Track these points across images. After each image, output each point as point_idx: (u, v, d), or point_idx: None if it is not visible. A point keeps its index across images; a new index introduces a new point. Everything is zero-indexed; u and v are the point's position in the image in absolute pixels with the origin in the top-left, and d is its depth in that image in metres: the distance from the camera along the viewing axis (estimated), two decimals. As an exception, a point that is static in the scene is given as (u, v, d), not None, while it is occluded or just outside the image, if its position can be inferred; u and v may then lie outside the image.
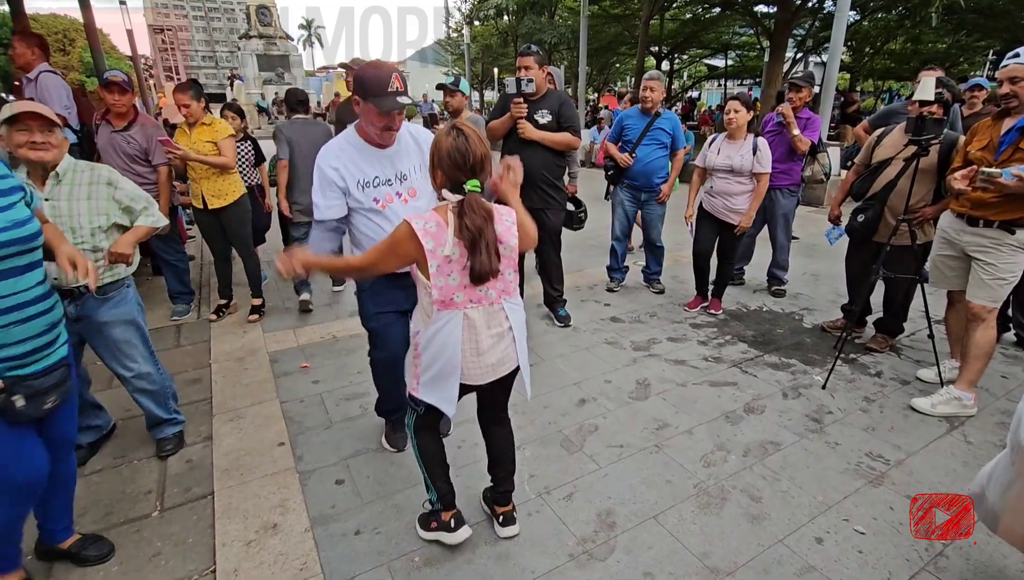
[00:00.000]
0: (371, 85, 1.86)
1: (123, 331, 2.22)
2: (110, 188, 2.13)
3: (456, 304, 1.59)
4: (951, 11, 11.88)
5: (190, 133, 3.51)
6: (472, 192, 1.50)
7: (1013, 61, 2.40)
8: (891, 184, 3.00)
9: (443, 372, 1.64)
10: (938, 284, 2.88)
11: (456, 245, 1.51)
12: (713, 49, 24.85)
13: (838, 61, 8.43)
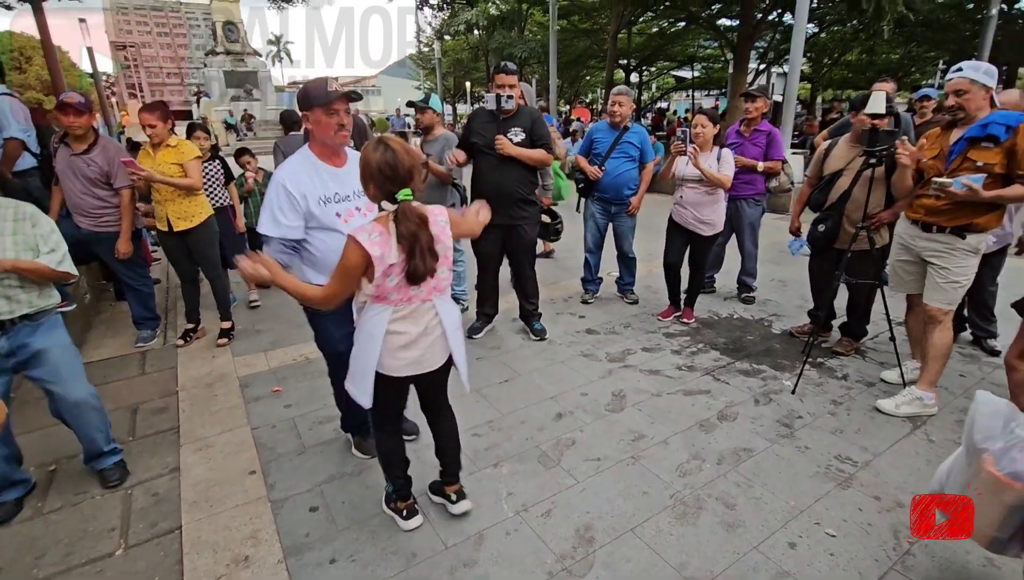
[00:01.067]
0: (314, 94, 1.99)
1: (63, 353, 2.19)
2: (35, 229, 2.09)
3: (388, 300, 1.71)
4: (901, 24, 12.44)
5: (154, 155, 3.43)
6: (404, 201, 1.62)
7: (957, 75, 2.53)
8: (846, 194, 3.12)
9: (364, 364, 1.76)
10: (897, 288, 2.99)
11: (398, 251, 1.63)
12: (680, 61, 25.52)
13: (798, 72, 8.77)
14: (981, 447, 1.49)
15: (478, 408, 2.91)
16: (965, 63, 2.54)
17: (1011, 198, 2.46)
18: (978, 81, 2.46)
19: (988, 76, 2.46)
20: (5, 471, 2.18)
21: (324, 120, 2.00)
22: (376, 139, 1.67)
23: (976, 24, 13.94)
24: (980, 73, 2.47)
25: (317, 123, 2.01)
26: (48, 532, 2.11)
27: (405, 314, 1.74)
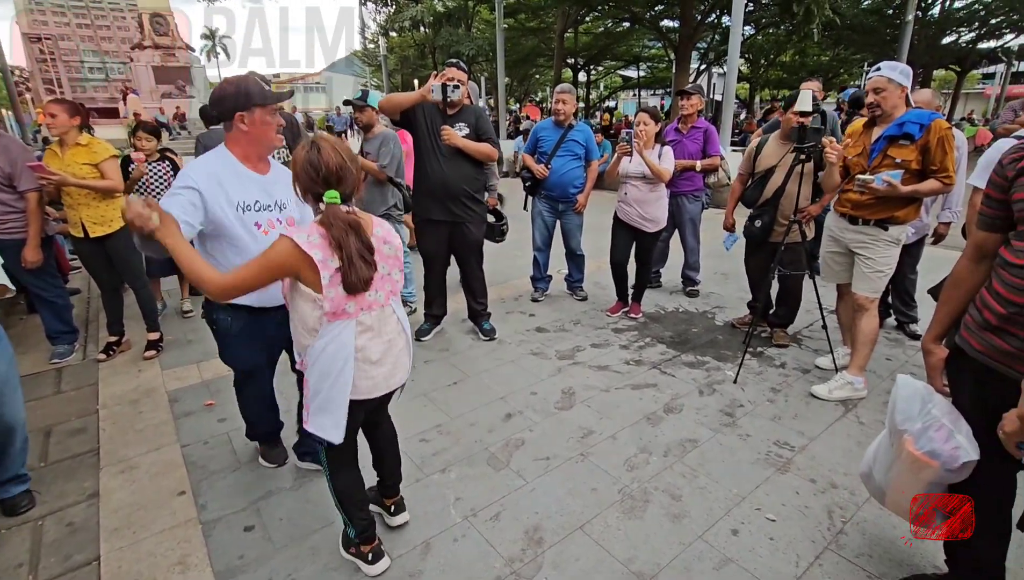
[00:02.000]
0: (255, 91, 1.86)
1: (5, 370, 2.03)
2: None
3: (348, 314, 1.55)
4: (829, 27, 13.18)
5: (63, 155, 3.15)
6: (330, 204, 1.50)
7: (875, 74, 2.67)
8: (780, 190, 3.24)
9: (333, 391, 1.57)
10: (828, 278, 3.13)
11: (336, 257, 1.49)
12: (626, 61, 26.11)
13: (736, 72, 9.12)
14: (901, 428, 1.56)
15: (426, 412, 2.84)
16: (884, 63, 2.68)
17: (927, 192, 2.62)
18: (894, 80, 2.60)
19: (903, 76, 2.61)
20: None
21: (267, 121, 1.88)
22: (309, 139, 1.56)
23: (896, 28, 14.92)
24: (896, 72, 2.61)
25: (257, 124, 1.87)
26: (-59, 574, 1.89)
27: (370, 325, 1.59)
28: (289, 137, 3.75)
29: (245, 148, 1.93)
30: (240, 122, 1.86)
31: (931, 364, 1.63)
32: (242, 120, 1.86)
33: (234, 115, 1.85)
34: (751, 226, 3.41)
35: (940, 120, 2.54)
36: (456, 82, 3.24)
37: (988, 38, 19.63)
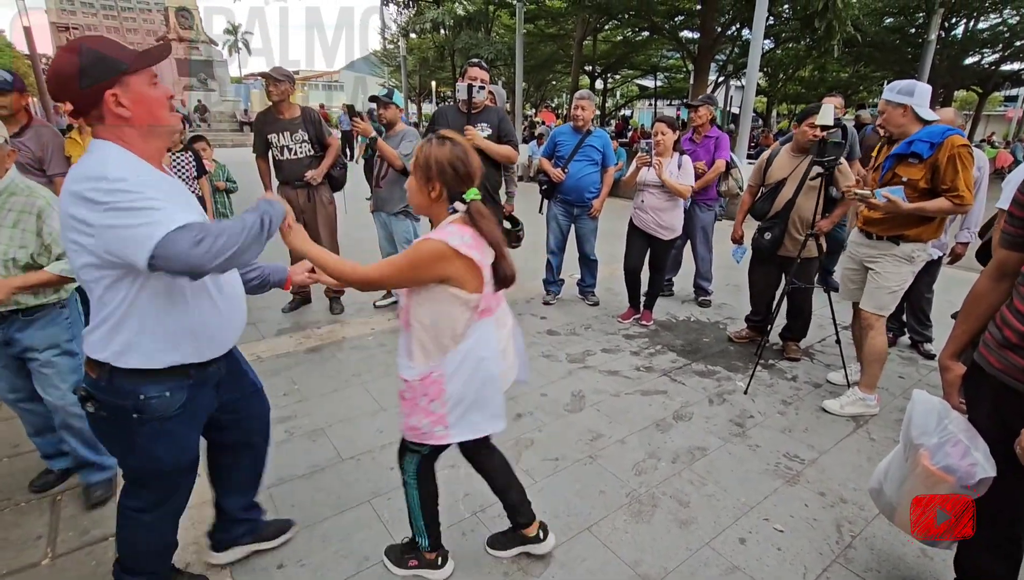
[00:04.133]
0: (116, 56, 1.26)
1: (48, 355, 2.01)
2: (38, 221, 1.87)
3: (491, 310, 1.56)
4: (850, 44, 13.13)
5: (83, 142, 3.22)
6: (474, 200, 1.49)
7: (882, 97, 2.70)
8: (790, 203, 3.25)
9: (485, 388, 1.55)
10: (844, 296, 3.11)
11: (489, 253, 1.50)
12: (643, 70, 26.13)
13: (754, 85, 9.10)
14: (917, 443, 1.56)
15: (437, 408, 2.86)
16: (889, 85, 2.71)
17: (934, 210, 2.57)
18: (891, 100, 2.61)
19: (903, 94, 2.59)
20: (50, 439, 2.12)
21: (150, 90, 1.31)
22: (436, 135, 1.50)
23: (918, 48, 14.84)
24: (894, 93, 2.62)
25: (140, 98, 1.29)
26: (-38, 542, 1.94)
27: (500, 318, 1.61)
28: (312, 133, 3.81)
29: (141, 142, 1.32)
30: (114, 98, 1.26)
31: (948, 381, 1.63)
32: (115, 96, 1.26)
33: (101, 95, 1.25)
34: (760, 239, 3.40)
35: (955, 136, 2.48)
36: (480, 83, 3.29)
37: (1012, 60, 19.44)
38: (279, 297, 4.41)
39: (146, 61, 1.31)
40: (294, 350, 3.50)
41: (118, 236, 1.17)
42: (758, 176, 3.49)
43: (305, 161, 3.84)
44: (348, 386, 3.09)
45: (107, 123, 1.27)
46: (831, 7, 10.28)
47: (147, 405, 1.36)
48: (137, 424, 1.37)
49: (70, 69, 1.22)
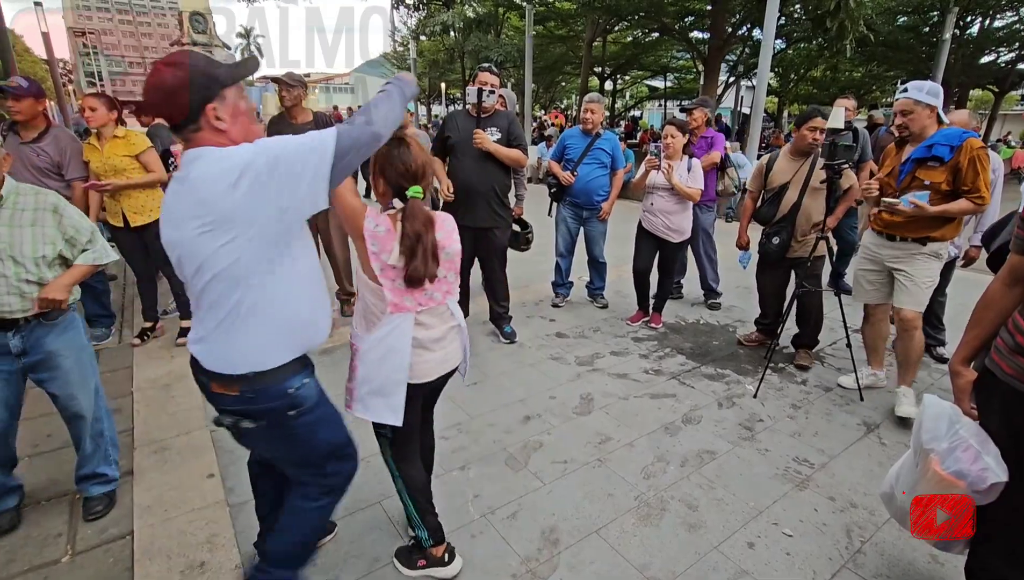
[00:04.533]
0: (215, 70, 1.30)
1: (76, 360, 2.03)
2: (56, 216, 1.92)
3: (407, 307, 1.60)
4: (863, 44, 12.99)
5: (101, 148, 3.29)
6: (413, 197, 1.55)
7: (903, 96, 2.66)
8: (796, 206, 3.24)
9: (390, 379, 1.61)
10: (859, 297, 3.09)
11: (399, 254, 1.53)
12: (653, 71, 26.05)
13: (765, 86, 9.06)
14: (928, 448, 1.56)
15: (446, 410, 2.88)
16: (910, 83, 2.67)
17: (957, 212, 2.60)
18: (921, 101, 2.59)
19: (931, 95, 2.58)
20: (3, 479, 2.03)
21: (242, 107, 1.34)
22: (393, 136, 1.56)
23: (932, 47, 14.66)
24: (923, 93, 2.59)
25: (234, 114, 1.32)
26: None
27: (426, 321, 1.65)
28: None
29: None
30: (214, 117, 1.29)
31: (959, 386, 1.62)
32: (216, 117, 1.29)
33: (203, 109, 1.27)
34: (767, 243, 3.39)
35: (973, 139, 2.51)
36: (491, 87, 3.31)
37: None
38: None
39: (239, 74, 1.34)
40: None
41: (294, 169, 1.24)
42: (758, 181, 3.48)
43: None
44: (359, 388, 3.13)
45: (203, 135, 1.29)
46: (843, 6, 10.20)
47: (298, 397, 1.42)
48: (295, 419, 1.43)
49: (177, 83, 1.24)
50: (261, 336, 1.35)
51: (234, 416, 1.40)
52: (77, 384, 2.05)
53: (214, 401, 1.42)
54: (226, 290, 1.29)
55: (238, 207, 1.22)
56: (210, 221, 1.22)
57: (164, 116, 1.29)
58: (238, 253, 1.25)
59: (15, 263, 1.83)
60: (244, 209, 1.22)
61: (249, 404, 1.38)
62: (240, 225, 1.23)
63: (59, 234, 1.93)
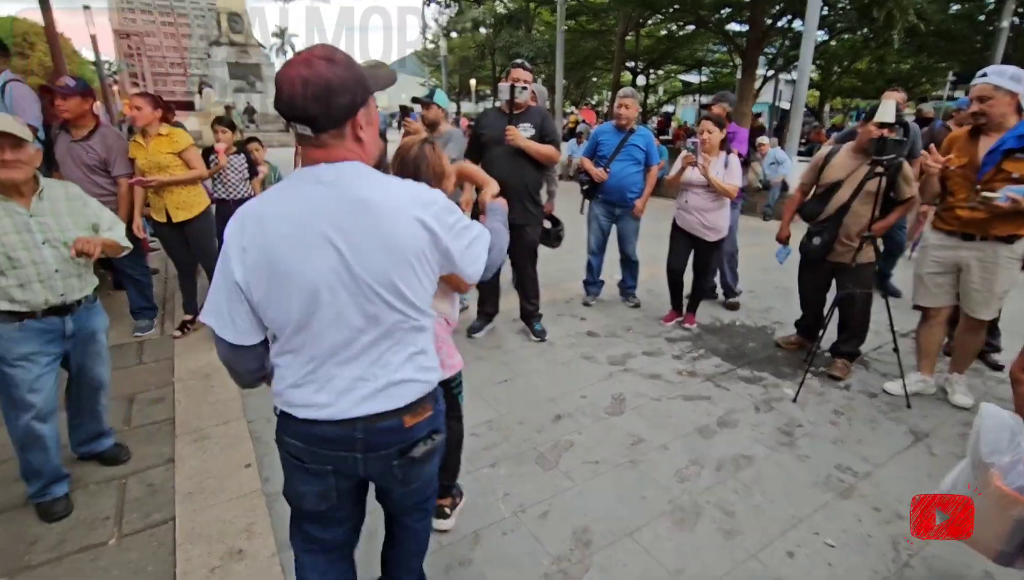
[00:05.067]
0: (366, 74, 1.14)
1: (103, 337, 2.25)
2: (82, 203, 2.09)
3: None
4: (912, 34, 12.39)
5: (146, 145, 3.40)
6: None
7: (981, 80, 2.50)
8: (845, 207, 3.06)
9: None
10: (923, 300, 2.94)
11: None
12: (688, 65, 25.49)
13: (807, 79, 8.74)
14: (988, 462, 1.47)
15: (477, 407, 2.89)
16: (990, 68, 2.51)
17: None
18: (1002, 87, 2.43)
19: (1014, 81, 2.43)
20: (57, 464, 2.14)
21: (375, 119, 1.17)
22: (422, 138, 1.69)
23: (988, 36, 13.90)
24: (1005, 79, 2.43)
25: (371, 124, 1.16)
26: (40, 519, 2.09)
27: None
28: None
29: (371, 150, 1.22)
30: (359, 129, 1.13)
31: (1021, 394, 1.53)
32: (360, 125, 1.12)
33: (355, 114, 1.10)
34: (808, 243, 3.23)
35: None
36: (523, 84, 3.29)
37: (1094, 48, 17.95)
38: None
39: (384, 82, 1.19)
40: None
41: (466, 255, 1.23)
42: (813, 174, 3.28)
43: None
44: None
45: (344, 145, 1.11)
46: (891, -5, 9.76)
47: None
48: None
49: (337, 82, 1.04)
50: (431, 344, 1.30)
51: (427, 440, 1.27)
52: (103, 358, 2.27)
53: (403, 437, 1.23)
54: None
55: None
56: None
57: (302, 117, 1.05)
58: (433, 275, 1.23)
59: (66, 247, 1.96)
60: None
61: (438, 418, 1.31)
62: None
63: (87, 220, 2.08)
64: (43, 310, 1.97)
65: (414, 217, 1.11)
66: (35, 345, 1.98)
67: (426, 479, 1.37)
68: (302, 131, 1.08)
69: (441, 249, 1.17)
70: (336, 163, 1.10)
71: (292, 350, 1.16)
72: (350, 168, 1.11)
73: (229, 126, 4.17)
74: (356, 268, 1.08)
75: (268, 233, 1.08)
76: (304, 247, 1.07)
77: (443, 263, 1.20)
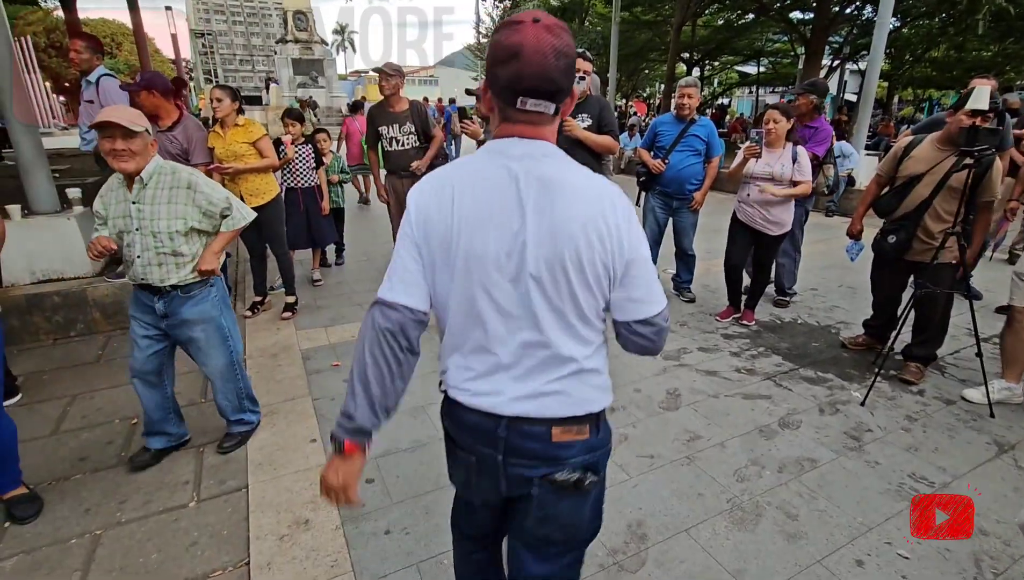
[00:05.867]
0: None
1: (202, 330, 2.25)
2: (189, 192, 2.10)
3: None
4: (999, 18, 11.44)
5: (224, 135, 3.60)
6: None
7: None
8: (925, 203, 2.86)
9: None
10: (1020, 299, 2.74)
11: None
12: (745, 56, 24.52)
13: (878, 69, 8.23)
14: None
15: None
16: None
17: None
18: None
19: None
20: (154, 419, 2.34)
21: None
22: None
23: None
24: None
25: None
26: (129, 480, 2.27)
27: None
28: (419, 125, 3.99)
29: None
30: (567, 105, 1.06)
31: None
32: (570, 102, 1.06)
33: (572, 94, 1.02)
34: (882, 241, 3.04)
35: None
36: (582, 73, 3.26)
37: None
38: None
39: None
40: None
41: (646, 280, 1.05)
42: (891, 165, 3.05)
43: (411, 152, 4.03)
44: (445, 369, 3.22)
45: (552, 125, 1.02)
46: (978, -23, 9.03)
47: (609, 437, 1.16)
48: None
49: (573, 55, 0.95)
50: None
51: (578, 470, 1.06)
52: (206, 349, 2.29)
53: (549, 455, 1.06)
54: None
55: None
56: None
57: (551, 92, 0.94)
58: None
59: (154, 237, 2.06)
60: None
61: (597, 449, 1.11)
62: None
63: (194, 209, 2.11)
64: (137, 284, 2.16)
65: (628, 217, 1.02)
66: (137, 311, 2.21)
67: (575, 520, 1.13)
68: (536, 107, 0.94)
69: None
70: (542, 142, 1.01)
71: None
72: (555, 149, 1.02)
73: (298, 119, 4.35)
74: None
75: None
76: None
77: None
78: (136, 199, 2.05)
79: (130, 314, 2.24)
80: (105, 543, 1.94)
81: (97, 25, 35.39)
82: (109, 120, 1.90)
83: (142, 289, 2.17)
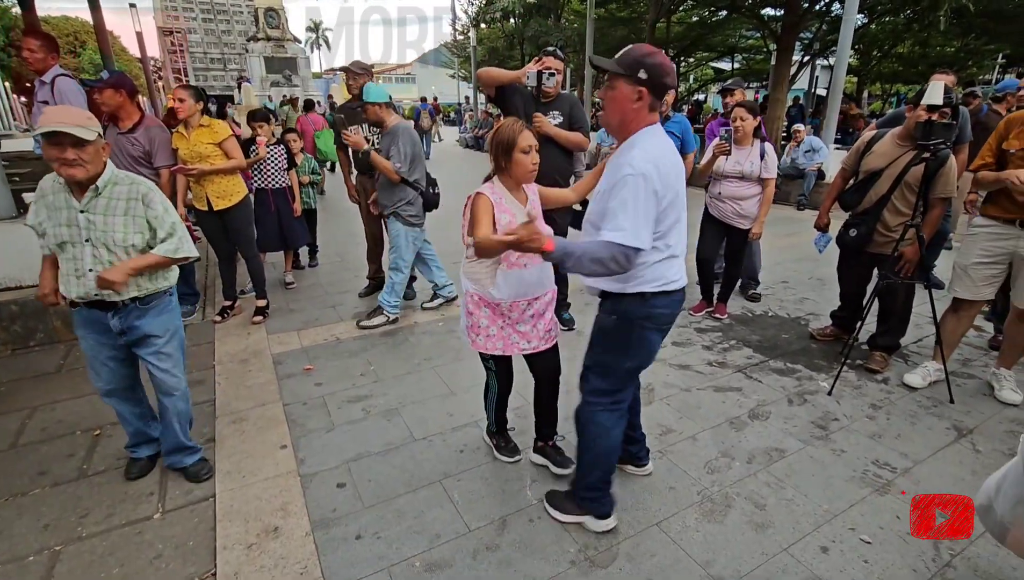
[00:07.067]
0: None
1: (165, 340, 2.13)
2: (143, 206, 1.97)
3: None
4: (959, 15, 11.77)
5: (188, 136, 3.51)
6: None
7: None
8: (884, 199, 2.93)
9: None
10: (963, 293, 2.81)
11: None
12: (720, 52, 24.81)
13: (845, 64, 8.42)
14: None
15: (504, 395, 2.90)
16: None
17: None
18: None
19: None
20: (137, 430, 2.27)
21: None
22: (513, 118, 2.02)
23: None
24: None
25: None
26: (91, 493, 2.20)
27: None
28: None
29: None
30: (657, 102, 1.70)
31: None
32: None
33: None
34: (845, 235, 3.12)
35: None
36: (552, 71, 3.26)
37: None
38: (357, 283, 4.62)
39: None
40: (370, 333, 3.67)
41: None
42: (854, 159, 3.14)
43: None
44: (420, 369, 3.20)
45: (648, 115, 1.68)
46: (939, -26, 9.27)
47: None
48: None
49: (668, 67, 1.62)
50: None
51: None
52: (169, 363, 2.16)
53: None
54: None
55: None
56: None
57: (657, 92, 1.61)
58: None
59: (108, 250, 1.93)
60: None
61: None
62: None
63: (147, 224, 1.99)
64: (84, 302, 1.99)
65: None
66: (87, 331, 2.06)
67: None
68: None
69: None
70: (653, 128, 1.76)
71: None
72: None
73: (263, 119, 4.27)
74: None
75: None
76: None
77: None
78: (86, 208, 1.90)
79: (79, 335, 2.07)
80: (64, 559, 1.88)
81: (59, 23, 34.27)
82: (56, 129, 1.75)
83: (91, 306, 2.00)
